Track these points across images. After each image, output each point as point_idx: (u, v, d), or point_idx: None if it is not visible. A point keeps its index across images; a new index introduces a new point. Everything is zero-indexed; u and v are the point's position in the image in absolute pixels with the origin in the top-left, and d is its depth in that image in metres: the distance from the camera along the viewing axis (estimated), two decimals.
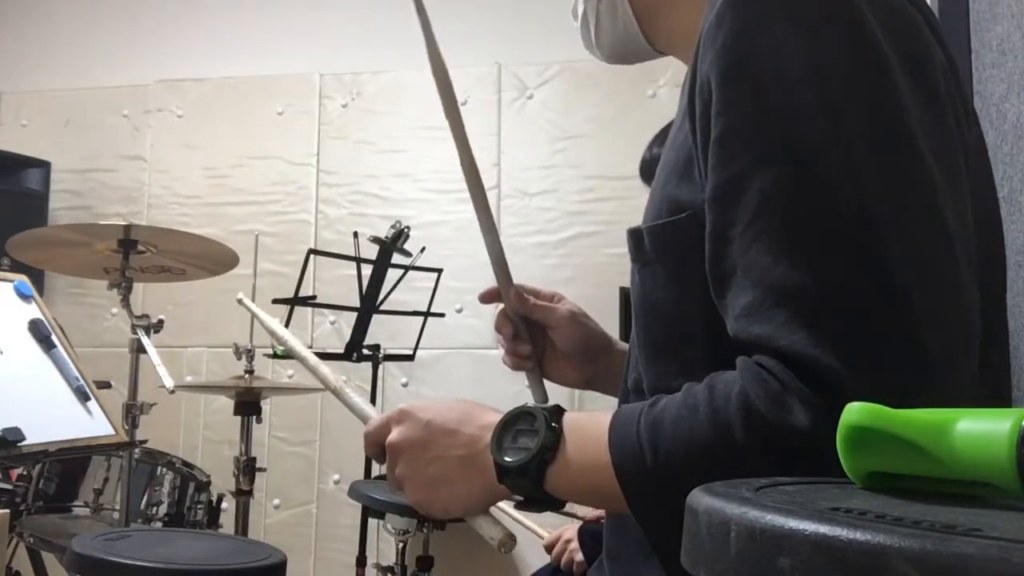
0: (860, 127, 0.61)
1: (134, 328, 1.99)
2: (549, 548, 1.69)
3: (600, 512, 1.68)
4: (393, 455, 0.76)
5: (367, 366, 2.58)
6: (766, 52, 0.63)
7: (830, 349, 0.57)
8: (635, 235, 0.75)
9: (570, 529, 1.66)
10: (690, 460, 0.60)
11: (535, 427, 0.68)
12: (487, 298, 1.06)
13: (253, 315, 1.09)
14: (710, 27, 0.66)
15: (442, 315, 2.74)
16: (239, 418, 2.24)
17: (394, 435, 0.76)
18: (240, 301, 1.16)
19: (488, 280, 1.02)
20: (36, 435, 1.35)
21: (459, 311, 3.03)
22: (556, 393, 1.02)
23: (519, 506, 0.71)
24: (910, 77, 0.63)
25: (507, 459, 0.68)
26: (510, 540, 0.74)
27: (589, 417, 0.69)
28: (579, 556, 1.60)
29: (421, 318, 2.66)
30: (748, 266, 0.62)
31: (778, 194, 0.61)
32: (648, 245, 0.73)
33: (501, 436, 0.70)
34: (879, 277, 0.58)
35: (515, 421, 0.70)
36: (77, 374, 1.53)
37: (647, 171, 1.84)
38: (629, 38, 0.91)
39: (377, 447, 0.79)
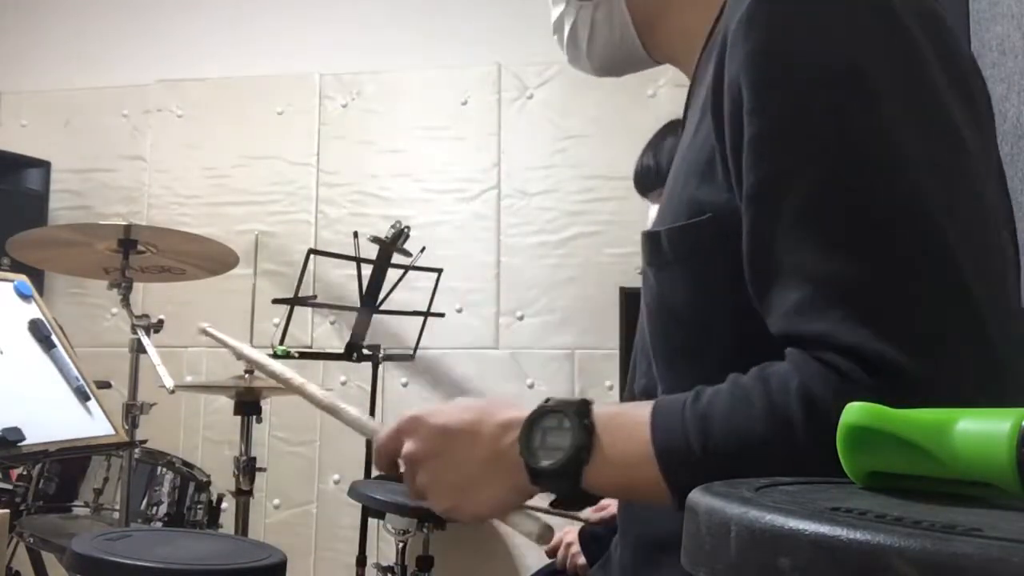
0: (904, 121, 0.60)
1: (134, 328, 1.99)
2: (551, 552, 1.69)
3: (601, 513, 1.68)
4: (411, 466, 0.74)
5: (367, 366, 2.58)
6: (802, 49, 0.62)
7: (895, 343, 0.56)
8: (652, 238, 0.74)
9: (571, 532, 1.66)
10: (744, 454, 0.59)
11: (565, 426, 0.66)
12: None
13: (223, 344, 1.03)
14: (739, 25, 0.65)
15: (442, 315, 2.74)
16: (239, 418, 2.24)
17: (409, 447, 0.73)
18: (204, 331, 1.06)
19: (487, 280, 1.01)
20: (36, 435, 1.35)
21: (459, 311, 3.03)
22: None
23: (554, 504, 0.69)
24: (947, 75, 0.63)
25: (542, 463, 0.66)
26: (548, 532, 0.72)
27: (622, 410, 0.68)
28: (581, 559, 1.60)
29: (421, 318, 2.66)
30: (796, 264, 0.61)
31: (825, 192, 0.60)
32: (667, 247, 0.72)
33: (530, 437, 0.67)
34: (936, 268, 0.58)
35: (541, 419, 0.67)
36: (77, 374, 1.53)
37: (642, 181, 1.83)
38: (626, 46, 0.89)
39: (391, 461, 0.76)
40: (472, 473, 0.71)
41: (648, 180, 1.78)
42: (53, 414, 1.45)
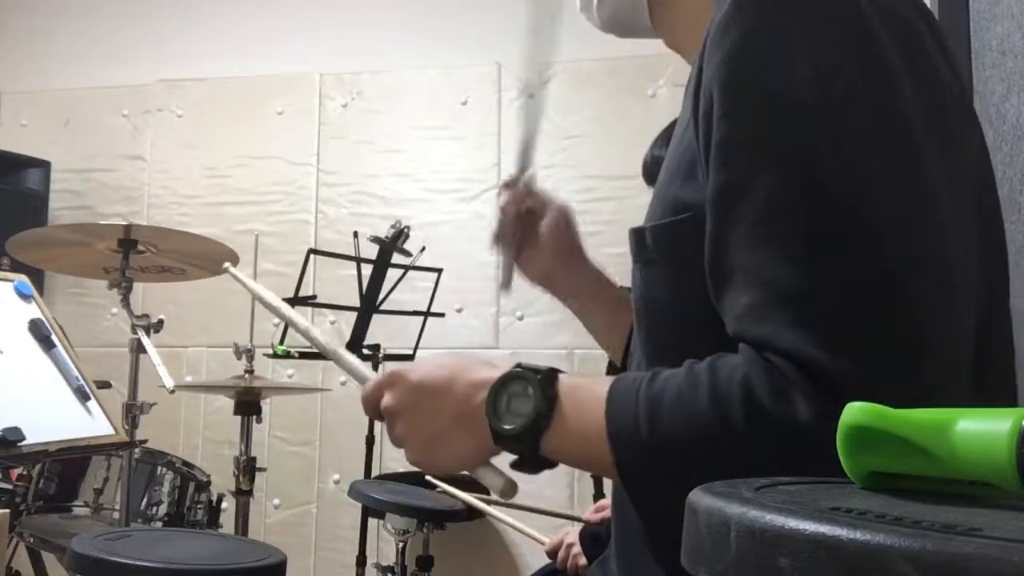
0: (863, 132, 0.61)
1: (134, 328, 1.99)
2: (551, 553, 1.69)
3: (602, 514, 1.68)
4: (390, 418, 0.77)
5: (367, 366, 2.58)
6: (770, 55, 0.63)
7: (832, 350, 0.57)
8: (638, 234, 0.75)
9: (571, 533, 1.66)
10: (687, 440, 0.61)
11: (529, 392, 0.68)
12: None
13: (243, 285, 1.10)
14: (716, 30, 0.66)
15: (442, 315, 2.74)
16: (239, 418, 2.24)
17: (387, 399, 0.77)
18: (226, 269, 1.17)
19: (487, 280, 1.02)
20: (36, 435, 1.35)
21: (459, 311, 3.03)
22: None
23: (514, 465, 0.72)
24: (915, 84, 0.64)
25: (504, 426, 0.69)
26: (511, 488, 0.75)
27: (586, 384, 0.70)
28: (582, 560, 1.60)
29: (421, 318, 2.66)
30: (749, 268, 0.62)
31: (780, 198, 0.61)
32: (651, 244, 0.73)
33: (496, 399, 0.70)
34: (882, 281, 0.59)
35: (508, 384, 0.70)
36: (77, 374, 1.53)
37: (649, 172, 1.85)
38: (635, 9, 0.90)
39: (374, 410, 0.80)
40: (443, 428, 0.74)
41: (655, 172, 1.79)
42: (53, 414, 1.45)
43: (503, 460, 0.74)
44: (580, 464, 0.73)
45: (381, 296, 2.49)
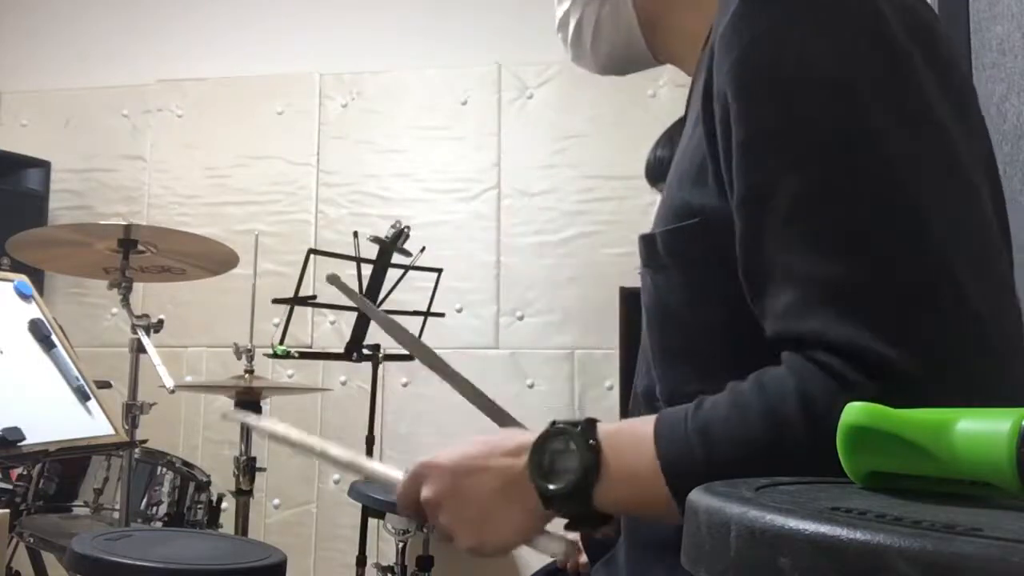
0: (890, 122, 0.60)
1: (134, 328, 1.99)
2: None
3: None
4: (432, 510, 0.75)
5: (367, 366, 2.58)
6: (786, 54, 0.63)
7: (887, 339, 0.56)
8: (648, 240, 0.74)
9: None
10: (747, 460, 0.59)
11: (572, 448, 0.66)
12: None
13: (249, 427, 1.04)
14: (725, 32, 0.65)
15: (442, 315, 2.74)
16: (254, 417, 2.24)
17: (426, 492, 0.74)
18: (225, 417, 1.10)
19: (487, 280, 1.01)
20: (36, 435, 1.35)
21: (459, 311, 3.03)
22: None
23: (568, 527, 0.70)
24: (934, 74, 0.63)
25: (551, 487, 0.66)
26: (573, 549, 0.73)
27: (627, 428, 0.68)
28: (583, 557, 1.59)
29: (421, 318, 2.66)
30: (788, 266, 0.61)
31: (813, 194, 0.60)
32: (662, 250, 0.73)
33: (538, 462, 0.68)
34: (926, 266, 0.58)
35: (547, 442, 0.68)
36: (77, 374, 1.53)
37: (652, 172, 1.85)
38: (630, 45, 0.90)
39: (414, 509, 0.77)
40: (488, 506, 0.72)
41: (658, 172, 1.80)
42: (53, 414, 1.45)
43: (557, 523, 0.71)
44: (636, 509, 0.70)
45: (381, 296, 2.49)
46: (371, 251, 2.47)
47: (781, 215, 0.61)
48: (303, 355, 2.40)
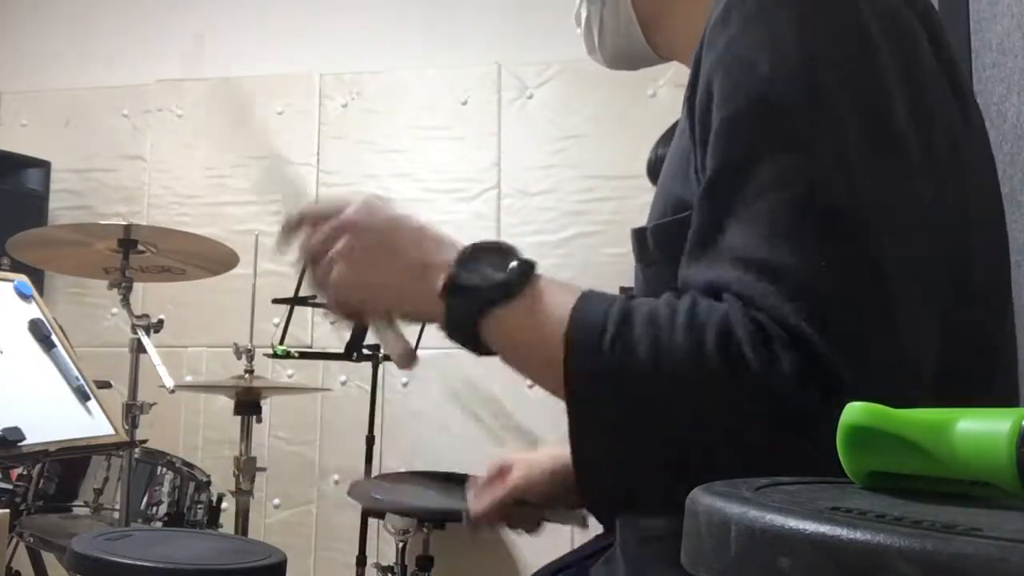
0: (851, 120, 0.62)
1: (134, 328, 1.99)
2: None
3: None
4: (345, 228, 0.72)
5: (367, 366, 2.58)
6: (763, 45, 0.64)
7: (812, 324, 0.57)
8: (639, 235, 0.75)
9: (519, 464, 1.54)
10: (650, 355, 0.59)
11: (506, 264, 0.67)
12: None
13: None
14: (714, 27, 0.67)
15: None
16: (239, 418, 2.24)
17: (356, 214, 0.73)
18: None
19: None
20: (36, 435, 1.35)
21: None
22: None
23: (443, 330, 0.68)
24: (904, 75, 0.64)
25: (463, 275, 0.67)
26: (411, 356, 0.73)
27: (563, 284, 0.67)
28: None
29: None
30: (734, 247, 0.62)
31: (770, 182, 0.61)
32: (652, 244, 0.73)
33: (468, 258, 0.68)
34: (864, 268, 0.59)
35: (489, 251, 0.68)
36: (77, 374, 1.53)
37: (653, 171, 1.86)
38: (631, 42, 0.92)
39: (324, 223, 0.73)
40: (392, 255, 0.71)
41: (659, 171, 1.80)
42: (53, 414, 1.45)
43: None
44: (520, 358, 0.68)
45: None
46: None
47: (739, 200, 0.62)
48: (303, 355, 2.40)
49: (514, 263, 0.66)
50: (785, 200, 0.61)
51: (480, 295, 0.65)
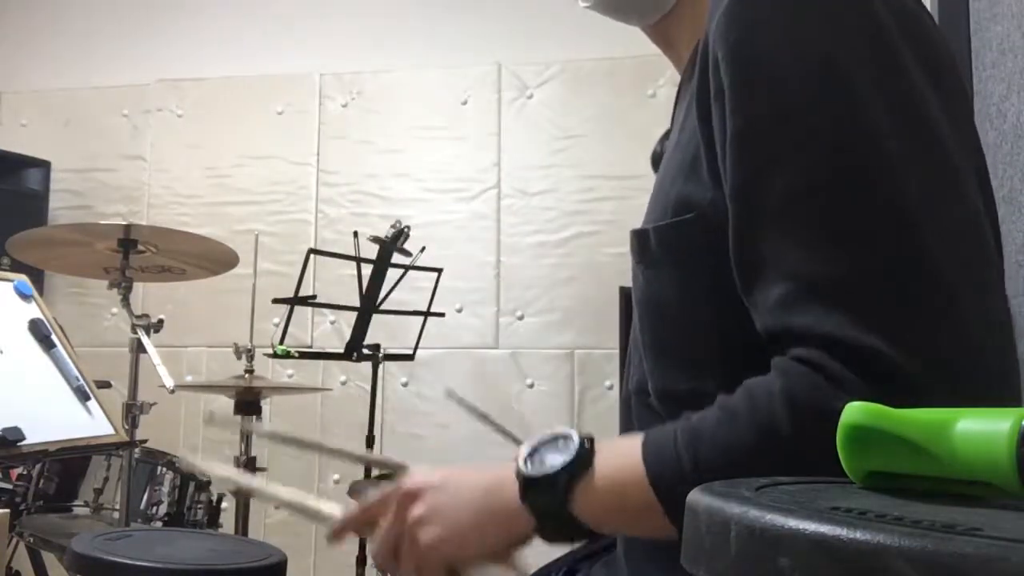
0: (882, 116, 0.60)
1: (134, 328, 1.99)
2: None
3: None
4: (410, 499, 0.73)
5: (367, 366, 2.58)
6: (780, 46, 0.63)
7: (873, 332, 0.56)
8: (640, 235, 0.74)
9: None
10: (734, 464, 0.58)
11: (564, 446, 0.66)
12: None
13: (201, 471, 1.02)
14: (719, 26, 0.65)
15: (442, 315, 2.74)
16: (239, 418, 2.24)
17: (411, 482, 0.73)
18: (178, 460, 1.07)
19: (487, 280, 1.01)
20: (36, 435, 1.35)
21: (459, 311, 3.03)
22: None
23: (541, 534, 0.68)
24: (924, 71, 0.63)
25: (533, 471, 0.66)
26: None
27: (620, 439, 0.67)
28: None
29: (421, 318, 2.66)
30: (778, 260, 0.61)
31: (805, 187, 0.60)
32: (654, 245, 0.72)
33: (529, 456, 0.68)
34: (915, 261, 0.58)
35: (544, 443, 0.68)
36: (77, 374, 1.53)
37: (656, 165, 1.85)
38: None
39: (382, 509, 0.74)
40: (467, 504, 0.71)
41: None
42: (53, 414, 1.45)
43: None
44: (615, 517, 0.67)
45: (381, 296, 2.48)
46: (371, 251, 2.47)
47: (773, 207, 0.61)
48: (303, 355, 2.40)
49: (570, 437, 0.66)
50: (821, 204, 0.60)
51: (558, 477, 0.65)
